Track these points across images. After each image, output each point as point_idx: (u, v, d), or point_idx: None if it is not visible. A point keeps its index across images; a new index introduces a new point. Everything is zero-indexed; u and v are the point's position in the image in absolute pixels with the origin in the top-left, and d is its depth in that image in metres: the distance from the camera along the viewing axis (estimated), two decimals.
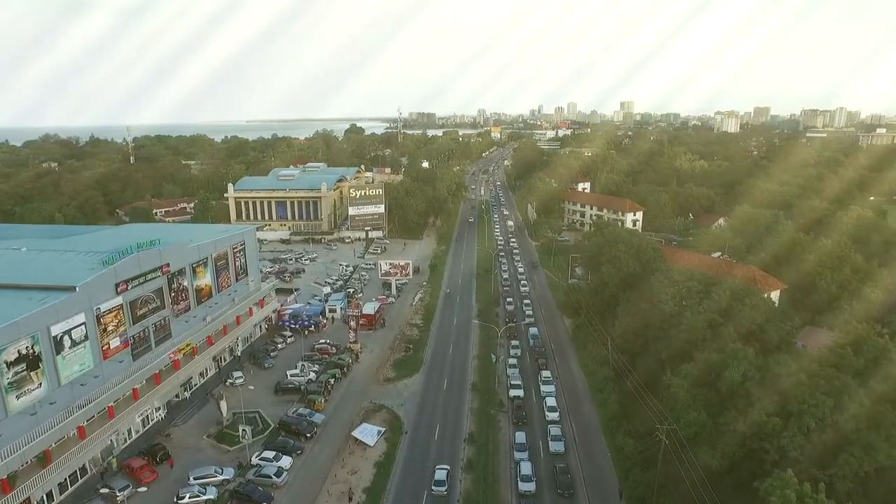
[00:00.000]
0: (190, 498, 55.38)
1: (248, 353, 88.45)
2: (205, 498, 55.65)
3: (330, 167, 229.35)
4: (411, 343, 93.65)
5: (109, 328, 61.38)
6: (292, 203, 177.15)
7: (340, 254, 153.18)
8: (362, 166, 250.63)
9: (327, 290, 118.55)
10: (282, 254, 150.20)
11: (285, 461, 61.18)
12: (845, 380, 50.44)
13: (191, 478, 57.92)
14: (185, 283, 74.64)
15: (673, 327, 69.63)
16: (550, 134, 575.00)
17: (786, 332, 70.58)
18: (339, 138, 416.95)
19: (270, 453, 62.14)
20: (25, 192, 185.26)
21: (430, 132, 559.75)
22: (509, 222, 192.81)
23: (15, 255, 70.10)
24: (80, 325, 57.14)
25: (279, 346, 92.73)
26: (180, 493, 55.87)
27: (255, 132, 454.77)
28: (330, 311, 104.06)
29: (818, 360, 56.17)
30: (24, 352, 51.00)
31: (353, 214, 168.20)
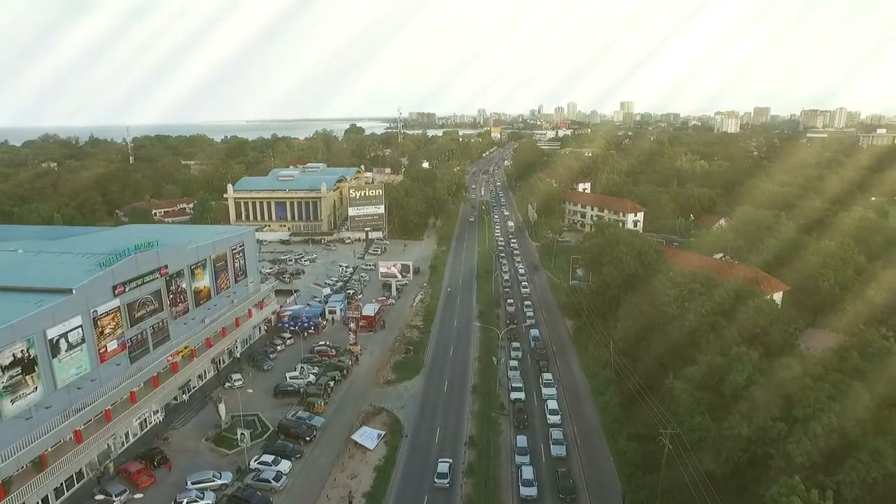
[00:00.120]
0: (187, 503, 54.76)
1: (247, 355, 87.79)
2: (202, 503, 55.00)
3: (330, 167, 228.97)
4: (411, 345, 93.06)
5: (106, 331, 60.78)
6: (292, 203, 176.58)
7: (340, 255, 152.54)
8: (362, 166, 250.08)
9: (327, 291, 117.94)
10: (281, 254, 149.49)
11: (284, 465, 60.59)
12: (851, 384, 49.79)
13: (188, 483, 57.31)
14: (184, 285, 74.08)
15: (675, 329, 69.02)
16: (550, 134, 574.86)
17: (789, 334, 69.93)
18: (338, 138, 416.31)
19: (269, 457, 61.54)
20: (24, 193, 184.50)
21: (430, 132, 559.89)
22: (510, 223, 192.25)
23: (11, 257, 69.56)
24: (77, 327, 56.54)
25: (278, 348, 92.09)
26: (178, 499, 55.23)
27: (254, 132, 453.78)
28: (330, 313, 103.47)
29: (823, 364, 55.56)
30: (19, 355, 50.38)
31: (353, 215, 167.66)
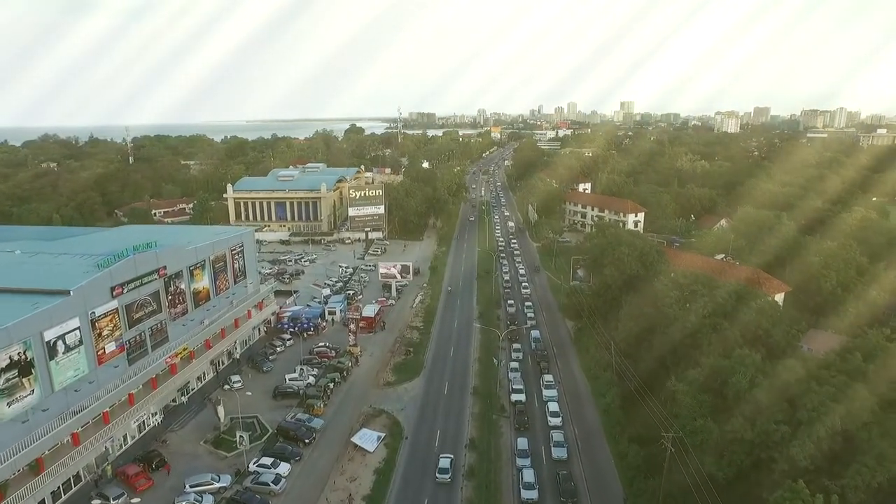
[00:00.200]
0: None
1: (246, 356, 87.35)
2: None
3: (330, 167, 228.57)
4: (412, 346, 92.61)
5: (104, 332, 60.31)
6: (292, 204, 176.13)
7: (340, 255, 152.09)
8: (362, 167, 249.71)
9: (327, 291, 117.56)
10: (281, 255, 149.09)
11: (283, 468, 60.15)
12: (854, 386, 49.40)
13: (187, 486, 56.81)
14: (183, 286, 73.62)
15: (677, 331, 68.64)
16: (550, 134, 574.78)
17: (792, 336, 69.56)
18: (338, 138, 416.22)
19: (268, 460, 61.11)
20: (23, 193, 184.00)
21: (430, 132, 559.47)
22: (510, 223, 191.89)
23: (8, 258, 69.05)
24: (75, 329, 56.06)
25: (278, 349, 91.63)
26: (176, 502, 54.83)
27: (254, 132, 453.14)
28: (329, 314, 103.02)
29: (826, 366, 55.17)
30: (16, 358, 49.89)
31: (353, 215, 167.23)
